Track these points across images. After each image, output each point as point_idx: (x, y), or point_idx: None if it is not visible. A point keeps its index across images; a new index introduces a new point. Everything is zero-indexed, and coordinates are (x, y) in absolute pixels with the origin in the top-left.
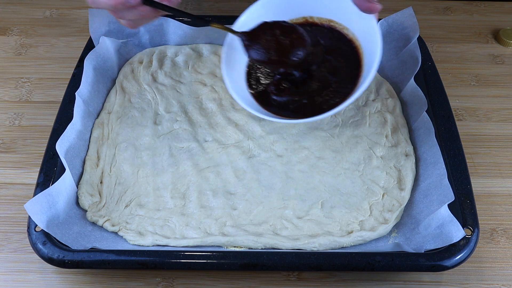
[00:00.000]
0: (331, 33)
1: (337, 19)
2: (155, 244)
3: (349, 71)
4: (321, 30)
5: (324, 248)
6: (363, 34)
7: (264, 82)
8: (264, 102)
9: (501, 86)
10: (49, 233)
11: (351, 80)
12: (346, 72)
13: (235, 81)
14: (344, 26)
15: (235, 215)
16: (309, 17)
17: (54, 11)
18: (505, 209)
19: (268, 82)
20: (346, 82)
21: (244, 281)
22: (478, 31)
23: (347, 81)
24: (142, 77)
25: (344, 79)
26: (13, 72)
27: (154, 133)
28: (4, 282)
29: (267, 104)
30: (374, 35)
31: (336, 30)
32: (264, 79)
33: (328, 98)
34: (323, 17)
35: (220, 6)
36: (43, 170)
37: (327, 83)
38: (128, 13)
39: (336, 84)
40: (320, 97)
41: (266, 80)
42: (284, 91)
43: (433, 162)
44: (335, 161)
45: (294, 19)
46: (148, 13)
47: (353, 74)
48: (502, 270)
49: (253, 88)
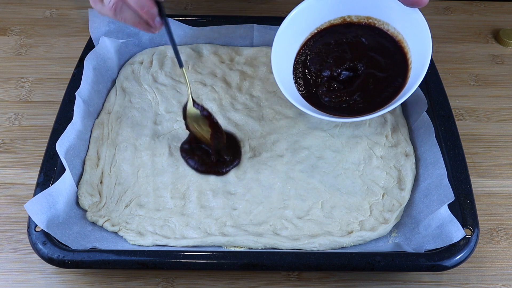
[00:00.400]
0: (372, 31)
1: (376, 16)
2: (155, 244)
3: (397, 66)
4: (361, 28)
5: (324, 248)
6: (407, 28)
7: (313, 83)
8: (315, 103)
9: (501, 86)
10: (49, 233)
11: (400, 74)
12: (393, 67)
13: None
14: (384, 21)
15: (235, 215)
16: (347, 16)
17: (54, 11)
18: (505, 209)
19: (317, 83)
20: (395, 76)
21: (244, 281)
22: (478, 31)
23: (396, 75)
24: (143, 77)
25: (392, 74)
26: (13, 72)
27: (154, 133)
28: (4, 282)
29: (318, 104)
30: (420, 27)
31: (376, 27)
32: (312, 81)
33: (379, 94)
34: (361, 15)
35: (220, 6)
36: (43, 170)
37: (376, 79)
38: None
39: (384, 80)
40: (370, 94)
41: (315, 82)
42: (334, 91)
43: (433, 162)
44: (335, 161)
45: (332, 20)
46: None
47: (401, 68)
48: (502, 270)
49: (301, 90)
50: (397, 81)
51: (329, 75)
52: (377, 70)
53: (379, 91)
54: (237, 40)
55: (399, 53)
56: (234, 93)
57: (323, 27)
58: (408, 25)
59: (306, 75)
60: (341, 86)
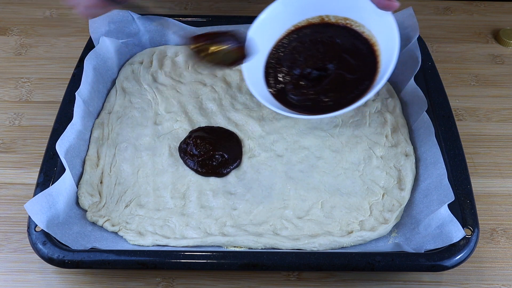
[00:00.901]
0: (348, 32)
1: (353, 17)
2: (155, 244)
3: (366, 69)
4: (337, 29)
5: (324, 248)
6: (380, 31)
7: (282, 80)
8: (283, 100)
9: (501, 86)
10: (49, 233)
11: (368, 77)
12: (363, 70)
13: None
14: (360, 24)
15: (235, 215)
16: (325, 16)
17: (54, 11)
18: (505, 209)
19: (286, 81)
20: (363, 79)
21: (244, 281)
22: (478, 31)
23: (364, 78)
24: (142, 77)
25: (361, 76)
26: (13, 72)
27: (154, 133)
28: (4, 282)
29: (285, 102)
30: (391, 32)
31: (352, 29)
32: (282, 78)
33: (345, 95)
34: (339, 16)
35: (220, 6)
36: (43, 170)
37: (344, 81)
38: None
39: (352, 81)
40: (337, 95)
41: (284, 79)
42: (302, 89)
43: (433, 162)
44: (335, 161)
45: (311, 18)
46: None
47: (371, 71)
48: (502, 270)
49: (271, 86)
50: (364, 84)
51: (299, 73)
52: (347, 71)
53: (346, 92)
54: None
55: (371, 56)
56: (234, 93)
57: (300, 24)
58: (381, 28)
59: (277, 73)
60: (309, 84)
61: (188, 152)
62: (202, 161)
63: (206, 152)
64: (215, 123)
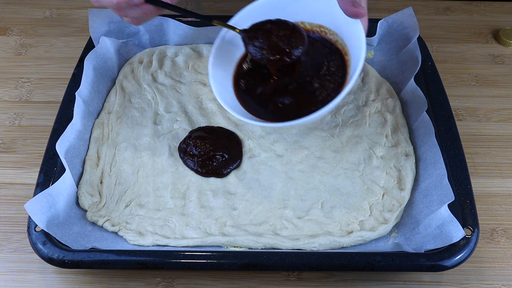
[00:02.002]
0: (322, 41)
1: (328, 25)
2: (155, 244)
3: (336, 78)
4: (312, 37)
5: (324, 248)
6: (350, 39)
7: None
8: (249, 105)
9: (501, 86)
10: (49, 233)
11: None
12: (332, 78)
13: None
14: (334, 32)
15: (235, 215)
16: (300, 22)
17: (54, 11)
18: (505, 209)
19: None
20: (331, 88)
21: (244, 281)
22: (478, 31)
23: (332, 87)
24: (142, 77)
25: (329, 85)
26: (13, 72)
27: (154, 133)
28: (4, 282)
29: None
30: (359, 40)
31: (326, 38)
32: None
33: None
34: (314, 23)
35: (220, 6)
36: (43, 170)
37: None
38: (131, 11)
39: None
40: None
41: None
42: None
43: (433, 162)
44: (335, 161)
45: None
46: (150, 10)
47: (340, 80)
48: (502, 270)
49: (240, 89)
50: (331, 96)
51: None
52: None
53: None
54: None
55: (342, 65)
56: None
57: None
58: (351, 36)
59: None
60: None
61: (188, 152)
62: (202, 161)
63: (206, 152)
64: (215, 123)
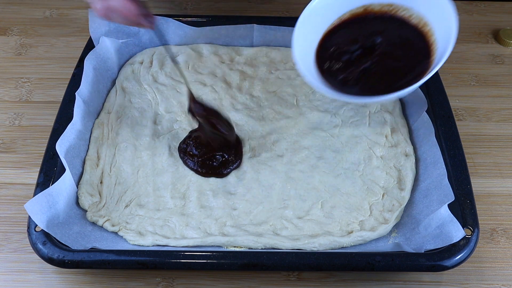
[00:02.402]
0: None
1: (398, 2)
2: (155, 244)
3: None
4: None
5: (324, 248)
6: (431, 10)
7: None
8: (332, 82)
9: (501, 86)
10: (49, 233)
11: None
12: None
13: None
14: (407, 7)
15: (235, 215)
16: (368, 5)
17: (54, 11)
18: (505, 209)
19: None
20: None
21: (244, 281)
22: (478, 31)
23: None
24: (143, 77)
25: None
26: (13, 72)
27: (154, 133)
28: (4, 282)
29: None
30: (445, 10)
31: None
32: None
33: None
34: (383, 3)
35: (219, 6)
36: (43, 170)
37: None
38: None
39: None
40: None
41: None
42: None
43: (433, 162)
44: (335, 161)
45: (354, 9)
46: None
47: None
48: (502, 270)
49: (322, 66)
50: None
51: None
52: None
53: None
54: (237, 40)
55: (422, 41)
56: (234, 93)
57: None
58: (432, 6)
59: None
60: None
61: (188, 152)
62: (202, 161)
63: (206, 152)
64: None
